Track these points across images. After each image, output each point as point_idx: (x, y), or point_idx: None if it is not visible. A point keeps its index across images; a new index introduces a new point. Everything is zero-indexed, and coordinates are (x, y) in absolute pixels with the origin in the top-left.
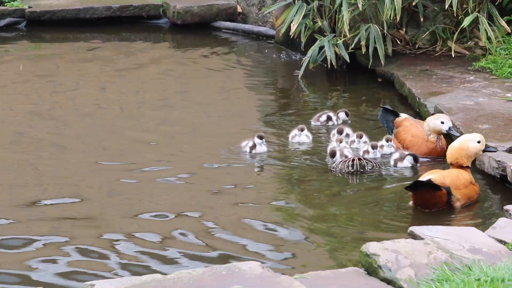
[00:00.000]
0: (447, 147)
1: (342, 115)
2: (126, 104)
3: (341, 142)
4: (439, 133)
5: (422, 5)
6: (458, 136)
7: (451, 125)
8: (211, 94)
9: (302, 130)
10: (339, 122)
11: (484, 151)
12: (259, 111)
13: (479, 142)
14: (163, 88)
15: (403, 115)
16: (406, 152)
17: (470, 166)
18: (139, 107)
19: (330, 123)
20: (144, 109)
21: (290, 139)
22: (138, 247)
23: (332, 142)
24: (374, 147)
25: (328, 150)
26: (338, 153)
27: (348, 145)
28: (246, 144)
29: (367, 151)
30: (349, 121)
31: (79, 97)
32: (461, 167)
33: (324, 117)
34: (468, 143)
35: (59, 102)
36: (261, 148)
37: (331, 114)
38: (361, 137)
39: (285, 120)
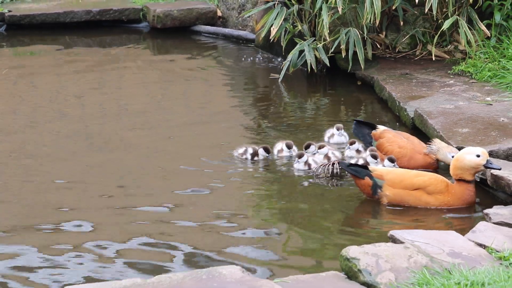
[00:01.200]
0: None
1: (261, 151)
2: (105, 108)
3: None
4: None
5: (401, 9)
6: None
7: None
8: (190, 98)
9: (339, 129)
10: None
11: (485, 166)
12: (238, 116)
13: (478, 156)
14: (143, 92)
15: (381, 127)
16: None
17: (472, 180)
18: (118, 112)
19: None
20: (123, 113)
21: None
22: (116, 252)
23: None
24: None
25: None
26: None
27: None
28: (245, 151)
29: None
30: (269, 157)
31: (57, 100)
32: (464, 181)
33: (241, 150)
34: (465, 155)
35: (38, 104)
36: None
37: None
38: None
39: (263, 126)
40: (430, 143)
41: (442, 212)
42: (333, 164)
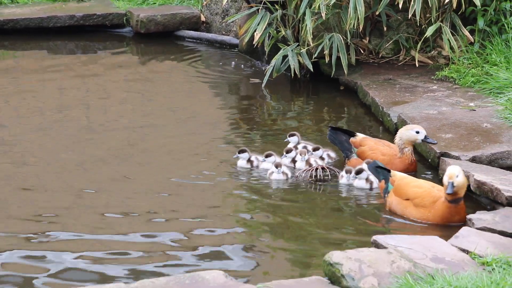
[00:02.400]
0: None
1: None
2: (88, 114)
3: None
4: (413, 144)
5: (385, 14)
6: (435, 144)
7: (426, 133)
8: (174, 103)
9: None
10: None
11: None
12: (221, 121)
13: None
14: (126, 97)
15: (360, 135)
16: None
17: (459, 199)
18: (101, 117)
19: None
20: (106, 119)
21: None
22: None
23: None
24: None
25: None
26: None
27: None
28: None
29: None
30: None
31: (41, 106)
32: (452, 202)
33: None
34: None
35: (20, 111)
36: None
37: None
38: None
39: (247, 132)
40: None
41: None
42: (316, 169)
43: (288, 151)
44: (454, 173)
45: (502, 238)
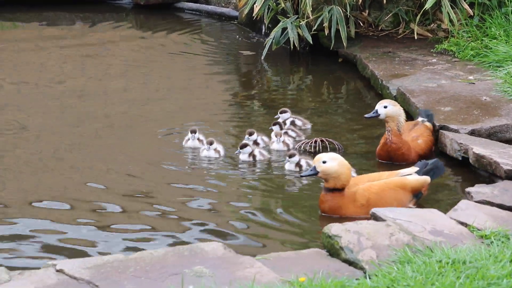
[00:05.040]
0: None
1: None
2: (87, 86)
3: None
4: (395, 121)
5: None
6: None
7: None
8: (173, 76)
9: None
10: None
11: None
12: (220, 94)
13: (386, 107)
14: (125, 69)
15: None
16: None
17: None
18: (100, 89)
19: None
20: (105, 91)
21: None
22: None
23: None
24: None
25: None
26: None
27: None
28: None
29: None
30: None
31: (40, 79)
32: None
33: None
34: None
35: (20, 83)
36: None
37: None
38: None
39: (246, 105)
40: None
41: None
42: (315, 141)
43: (243, 147)
44: (321, 158)
45: (500, 211)
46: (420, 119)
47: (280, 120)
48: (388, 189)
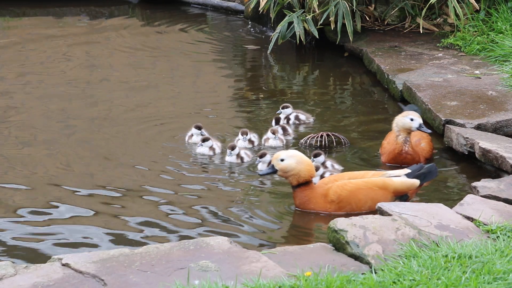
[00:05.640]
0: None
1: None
2: (91, 81)
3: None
4: (409, 132)
5: None
6: (430, 133)
7: (421, 121)
8: (178, 70)
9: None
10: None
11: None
12: (226, 88)
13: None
14: (131, 63)
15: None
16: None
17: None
18: (105, 83)
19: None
20: (110, 84)
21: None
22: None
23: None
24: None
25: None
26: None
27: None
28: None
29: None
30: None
31: (46, 73)
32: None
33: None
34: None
35: (25, 78)
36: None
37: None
38: (246, 134)
39: (252, 99)
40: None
41: (429, 185)
42: (321, 136)
43: (233, 148)
44: (279, 156)
45: (506, 206)
46: None
47: (282, 115)
48: (365, 188)
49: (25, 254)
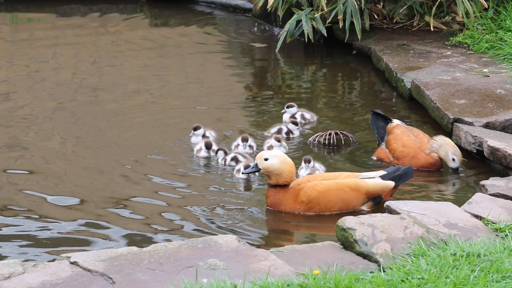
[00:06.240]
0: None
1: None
2: (101, 79)
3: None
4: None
5: None
6: (458, 174)
7: (459, 166)
8: (186, 68)
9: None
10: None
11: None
12: (235, 87)
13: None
14: (140, 62)
15: (395, 121)
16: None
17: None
18: (114, 81)
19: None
20: (119, 83)
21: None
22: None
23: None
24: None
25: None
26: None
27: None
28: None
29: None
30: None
31: (54, 72)
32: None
33: (274, 129)
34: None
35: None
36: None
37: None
38: (246, 140)
39: (260, 97)
40: (434, 139)
41: (438, 184)
42: (329, 134)
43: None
44: (263, 155)
45: None
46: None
47: (287, 114)
48: (336, 189)
49: (33, 252)
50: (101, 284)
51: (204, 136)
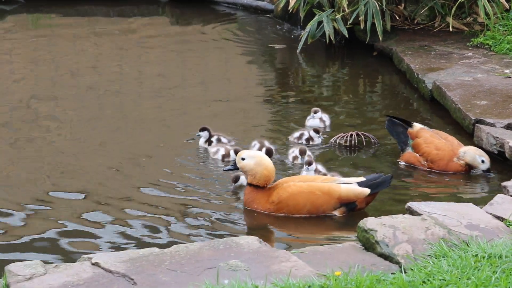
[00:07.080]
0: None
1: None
2: (124, 79)
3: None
4: (469, 165)
5: None
6: (492, 177)
7: (489, 166)
8: (208, 69)
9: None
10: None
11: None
12: (256, 87)
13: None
14: (161, 62)
15: (417, 125)
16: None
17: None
18: (136, 82)
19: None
20: (141, 83)
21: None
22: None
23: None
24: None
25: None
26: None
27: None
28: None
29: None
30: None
31: (76, 72)
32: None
33: (297, 134)
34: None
35: (56, 77)
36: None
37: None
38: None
39: (282, 98)
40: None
41: (460, 185)
42: (351, 135)
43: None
44: (241, 154)
45: None
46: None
47: (315, 118)
48: (306, 192)
49: (55, 253)
50: (122, 285)
51: (219, 141)
